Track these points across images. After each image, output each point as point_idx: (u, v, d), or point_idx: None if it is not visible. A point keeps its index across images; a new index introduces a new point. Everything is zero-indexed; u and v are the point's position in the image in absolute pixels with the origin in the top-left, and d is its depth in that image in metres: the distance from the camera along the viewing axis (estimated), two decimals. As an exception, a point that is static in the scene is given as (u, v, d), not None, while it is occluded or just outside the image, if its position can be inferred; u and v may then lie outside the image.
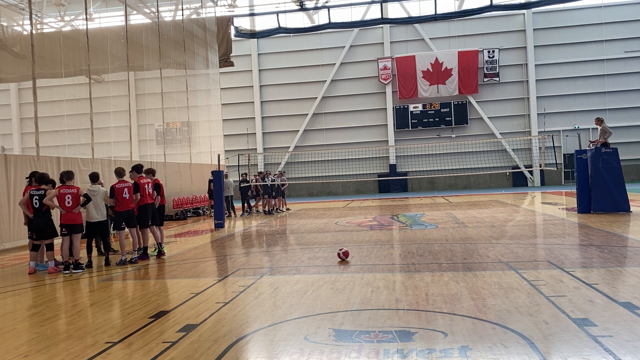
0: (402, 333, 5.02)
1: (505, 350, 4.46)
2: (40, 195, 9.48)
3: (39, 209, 9.50)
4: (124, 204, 10.04)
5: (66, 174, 9.73)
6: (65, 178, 9.66)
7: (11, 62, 22.67)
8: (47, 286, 8.47)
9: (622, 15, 33.95)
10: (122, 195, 9.99)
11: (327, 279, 7.68)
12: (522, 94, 35.22)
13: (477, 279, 7.25)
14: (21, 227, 13.58)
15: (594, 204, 15.08)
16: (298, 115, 36.83)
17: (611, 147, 15.19)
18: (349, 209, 22.70)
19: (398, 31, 35.91)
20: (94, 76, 20.88)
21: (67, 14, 28.46)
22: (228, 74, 33.50)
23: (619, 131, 32.22)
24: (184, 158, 24.93)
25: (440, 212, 18.47)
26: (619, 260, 8.32)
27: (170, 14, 28.31)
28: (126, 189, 10.05)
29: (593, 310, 5.51)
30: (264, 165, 35.69)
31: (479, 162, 31.98)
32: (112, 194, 9.98)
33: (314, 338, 5.00)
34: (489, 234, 11.96)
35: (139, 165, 10.80)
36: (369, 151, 35.09)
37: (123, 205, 10.05)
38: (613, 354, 4.29)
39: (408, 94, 35.37)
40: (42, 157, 14.77)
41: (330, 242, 11.95)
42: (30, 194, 9.57)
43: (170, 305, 6.64)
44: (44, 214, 9.55)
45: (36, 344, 5.24)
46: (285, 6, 30.79)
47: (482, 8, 29.24)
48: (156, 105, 23.46)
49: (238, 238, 14.11)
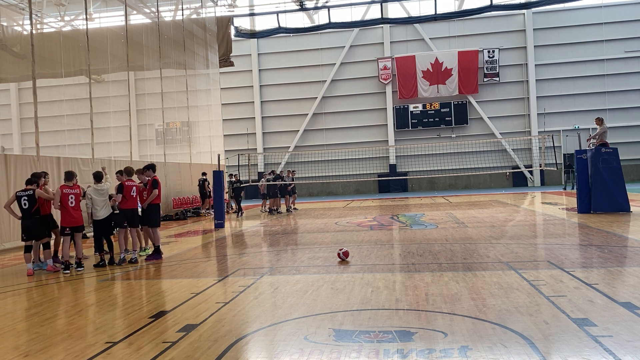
0: (402, 333, 5.02)
1: (505, 350, 4.46)
2: (28, 196, 9.44)
3: (27, 210, 9.45)
4: (130, 202, 10.14)
5: (68, 174, 9.77)
6: (66, 178, 9.70)
7: (11, 62, 22.66)
8: (47, 286, 8.47)
9: (622, 15, 33.96)
10: (130, 193, 10.11)
11: (327, 279, 7.68)
12: (522, 94, 35.23)
13: (477, 279, 7.25)
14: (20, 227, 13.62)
15: (594, 204, 15.08)
16: (298, 115, 36.84)
17: (611, 147, 15.20)
18: (349, 209, 22.70)
19: (398, 31, 35.91)
20: (94, 76, 20.87)
21: (67, 14, 28.46)
22: (228, 74, 33.50)
23: (619, 131, 32.27)
24: (184, 158, 24.93)
25: (440, 212, 18.47)
26: (619, 260, 8.32)
27: (170, 14, 28.30)
28: (134, 188, 10.18)
29: (593, 310, 5.51)
30: (264, 166, 35.73)
31: (479, 162, 31.99)
32: (120, 189, 10.07)
33: (314, 338, 5.00)
34: (489, 234, 11.96)
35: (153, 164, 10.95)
36: (369, 151, 35.10)
37: (129, 204, 10.14)
38: (613, 354, 4.29)
39: (408, 94, 35.37)
40: (42, 157, 14.77)
41: (330, 242, 11.95)
42: (17, 195, 9.55)
43: (170, 305, 6.64)
44: (33, 215, 9.48)
45: (36, 344, 5.24)
46: (285, 6, 30.80)
47: (482, 8, 29.24)
48: (156, 105, 23.46)
49: (238, 238, 14.11)
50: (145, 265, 9.94)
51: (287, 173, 22.91)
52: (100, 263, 9.87)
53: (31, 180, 9.70)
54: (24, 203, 9.44)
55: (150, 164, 10.86)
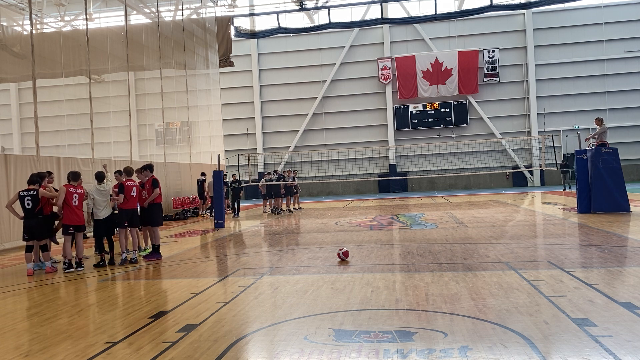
0: (402, 333, 5.02)
1: (505, 350, 4.46)
2: (32, 196, 9.46)
3: (31, 210, 9.46)
4: (130, 202, 10.17)
5: (74, 174, 9.83)
6: (72, 178, 9.75)
7: (11, 62, 22.66)
8: (47, 286, 8.47)
9: (622, 15, 33.96)
10: (130, 193, 10.15)
11: (327, 279, 7.68)
12: (522, 94, 35.23)
13: (477, 279, 7.25)
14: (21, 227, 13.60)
15: (594, 204, 15.07)
16: (298, 115, 36.84)
17: (611, 147, 15.20)
18: (349, 209, 22.70)
19: (398, 31, 35.92)
20: (94, 76, 20.87)
21: (67, 14, 28.46)
22: (228, 74, 33.51)
23: (619, 131, 32.27)
24: (184, 158, 24.93)
25: (440, 212, 18.47)
26: (619, 260, 8.32)
27: (170, 14, 28.31)
28: (134, 188, 10.21)
29: (593, 310, 5.51)
30: (264, 166, 35.72)
31: (479, 162, 31.99)
32: (121, 190, 10.09)
33: (314, 338, 5.00)
34: (489, 234, 11.96)
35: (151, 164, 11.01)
36: (369, 151, 35.10)
37: (129, 204, 10.17)
38: (613, 354, 4.29)
39: (408, 94, 35.37)
40: (42, 157, 14.77)
41: (330, 242, 11.95)
42: (19, 194, 9.56)
43: (170, 305, 6.64)
44: (36, 215, 9.50)
45: (36, 344, 5.24)
46: (285, 6, 30.81)
47: (482, 8, 29.26)
48: (156, 105, 23.46)
49: (238, 238, 14.11)
50: (145, 265, 9.94)
51: (287, 173, 22.90)
52: (100, 263, 9.88)
53: (34, 179, 9.71)
54: (27, 203, 9.44)
55: (148, 164, 10.89)
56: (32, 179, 9.75)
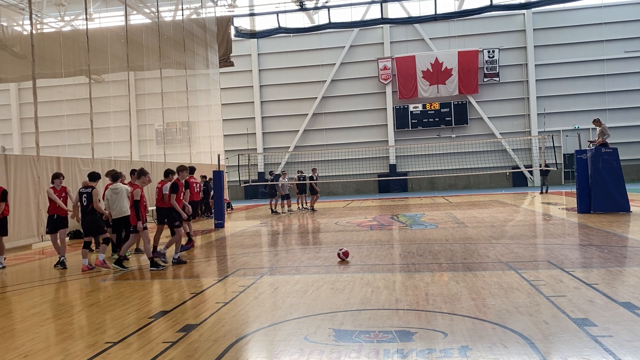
0: (402, 333, 5.02)
1: (505, 350, 4.46)
2: (87, 194, 9.83)
3: (85, 207, 9.84)
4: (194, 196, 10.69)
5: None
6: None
7: (11, 62, 22.67)
8: (47, 286, 8.47)
9: (622, 15, 33.94)
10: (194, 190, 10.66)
11: (327, 279, 7.68)
12: (522, 94, 35.22)
13: (477, 279, 7.25)
14: (22, 226, 13.63)
15: (594, 204, 15.07)
16: (298, 115, 36.82)
17: (611, 147, 15.19)
18: (349, 209, 22.71)
19: (398, 31, 35.90)
20: (94, 76, 20.87)
21: (67, 14, 28.45)
22: (228, 74, 33.49)
23: (619, 131, 32.24)
24: (184, 158, 24.91)
25: (440, 212, 18.47)
26: (619, 260, 8.32)
27: (170, 14, 28.31)
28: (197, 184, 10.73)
29: (593, 310, 5.51)
30: (264, 166, 35.72)
31: (479, 162, 31.97)
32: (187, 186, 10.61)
33: (314, 338, 5.00)
34: (489, 234, 11.96)
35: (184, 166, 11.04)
36: (369, 151, 35.08)
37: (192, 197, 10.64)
38: (613, 354, 4.29)
39: (408, 94, 35.37)
40: (42, 157, 14.76)
41: (330, 242, 11.95)
42: (79, 192, 10.03)
43: (170, 305, 6.64)
44: (90, 212, 9.82)
45: (36, 344, 5.24)
46: (285, 6, 30.80)
47: (482, 8, 29.25)
48: (156, 105, 23.45)
49: (238, 238, 14.10)
50: (145, 265, 9.93)
51: (314, 172, 23.23)
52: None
53: (94, 177, 10.04)
54: (84, 200, 9.84)
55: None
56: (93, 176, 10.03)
